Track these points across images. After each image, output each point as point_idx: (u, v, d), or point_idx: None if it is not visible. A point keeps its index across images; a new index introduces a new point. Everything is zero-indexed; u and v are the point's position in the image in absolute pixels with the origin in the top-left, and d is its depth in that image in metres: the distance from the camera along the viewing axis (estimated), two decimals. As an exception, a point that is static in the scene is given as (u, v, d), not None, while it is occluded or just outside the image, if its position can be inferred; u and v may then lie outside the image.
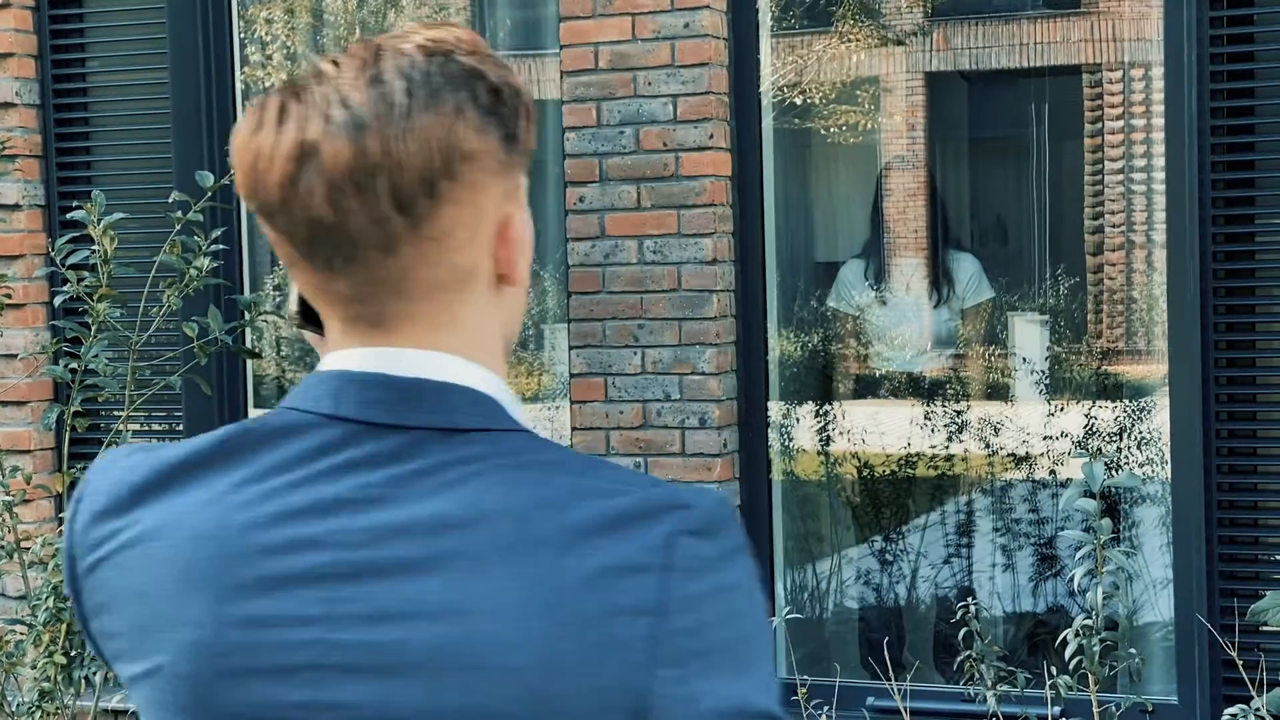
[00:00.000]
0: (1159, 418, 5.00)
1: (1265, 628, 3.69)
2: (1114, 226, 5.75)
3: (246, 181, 1.22)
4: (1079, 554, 3.63)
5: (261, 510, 1.22)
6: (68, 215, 4.02)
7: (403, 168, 1.18)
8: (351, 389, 1.23)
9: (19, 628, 4.04)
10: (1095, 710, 3.74)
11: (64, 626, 3.81)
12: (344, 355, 1.24)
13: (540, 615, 1.15)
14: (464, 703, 1.16)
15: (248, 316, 4.13)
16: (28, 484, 4.14)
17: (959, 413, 5.56)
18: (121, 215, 3.96)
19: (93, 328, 3.95)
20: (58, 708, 3.84)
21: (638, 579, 1.16)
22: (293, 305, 1.32)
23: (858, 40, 5.87)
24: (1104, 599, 3.53)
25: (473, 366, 1.25)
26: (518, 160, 1.26)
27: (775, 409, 4.90)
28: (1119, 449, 5.27)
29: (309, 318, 1.31)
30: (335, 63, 1.22)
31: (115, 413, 4.48)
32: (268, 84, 5.45)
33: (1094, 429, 5.33)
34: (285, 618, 1.20)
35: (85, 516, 1.28)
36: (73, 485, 4.27)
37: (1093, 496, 3.47)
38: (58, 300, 4.19)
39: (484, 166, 1.22)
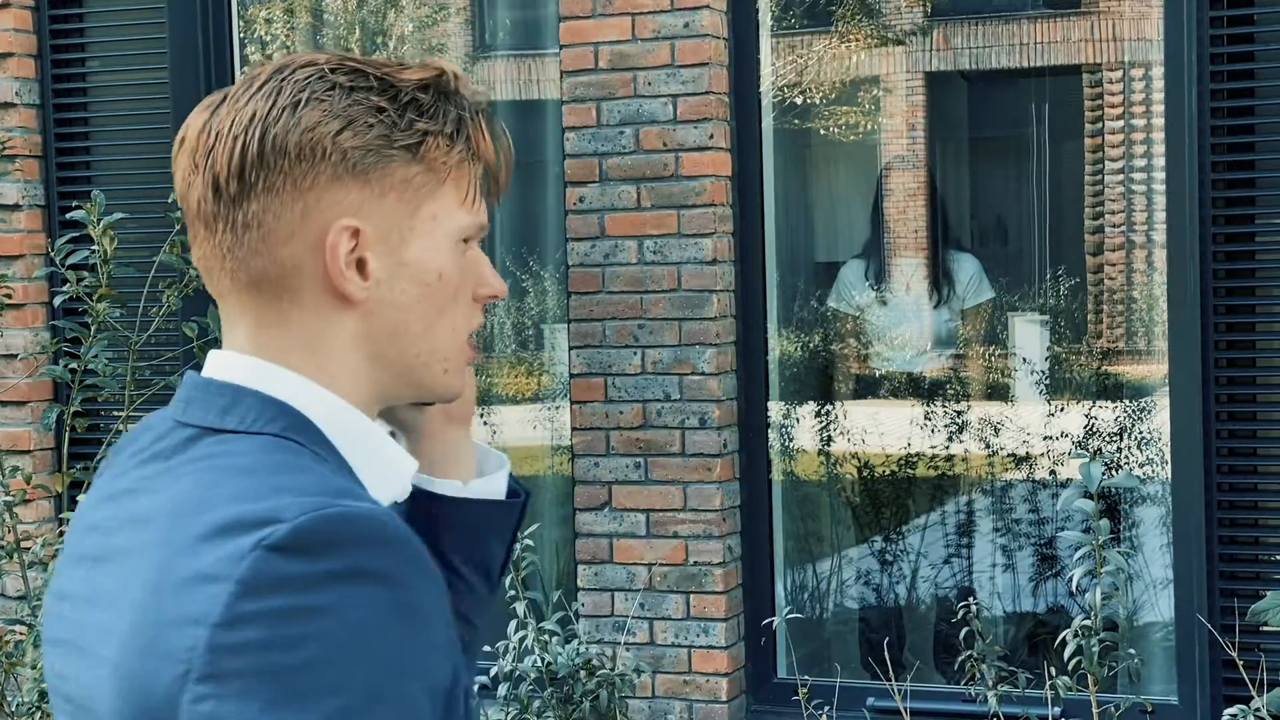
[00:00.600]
0: (1159, 418, 5.00)
1: (1265, 628, 3.68)
2: (1114, 226, 5.75)
3: None
4: (1078, 554, 3.63)
5: (98, 494, 1.32)
6: (68, 215, 4.01)
7: (223, 149, 1.24)
8: (181, 389, 1.31)
9: (19, 628, 4.04)
10: (1095, 710, 3.74)
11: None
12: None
13: (132, 614, 1.17)
14: (93, 688, 1.21)
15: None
16: (28, 484, 4.14)
17: (959, 413, 5.56)
18: (121, 215, 3.96)
19: (93, 328, 3.95)
20: (58, 708, 3.83)
21: (209, 589, 1.12)
22: None
23: (858, 40, 5.87)
24: (1103, 599, 3.53)
25: (278, 370, 1.26)
26: (396, 179, 1.26)
27: (775, 409, 4.90)
28: (1119, 449, 5.26)
29: None
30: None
31: (115, 413, 4.48)
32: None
33: (1094, 429, 5.32)
34: (66, 593, 1.30)
35: None
36: (73, 485, 4.27)
37: (1090, 497, 3.47)
38: (58, 300, 4.19)
39: (315, 167, 1.24)
